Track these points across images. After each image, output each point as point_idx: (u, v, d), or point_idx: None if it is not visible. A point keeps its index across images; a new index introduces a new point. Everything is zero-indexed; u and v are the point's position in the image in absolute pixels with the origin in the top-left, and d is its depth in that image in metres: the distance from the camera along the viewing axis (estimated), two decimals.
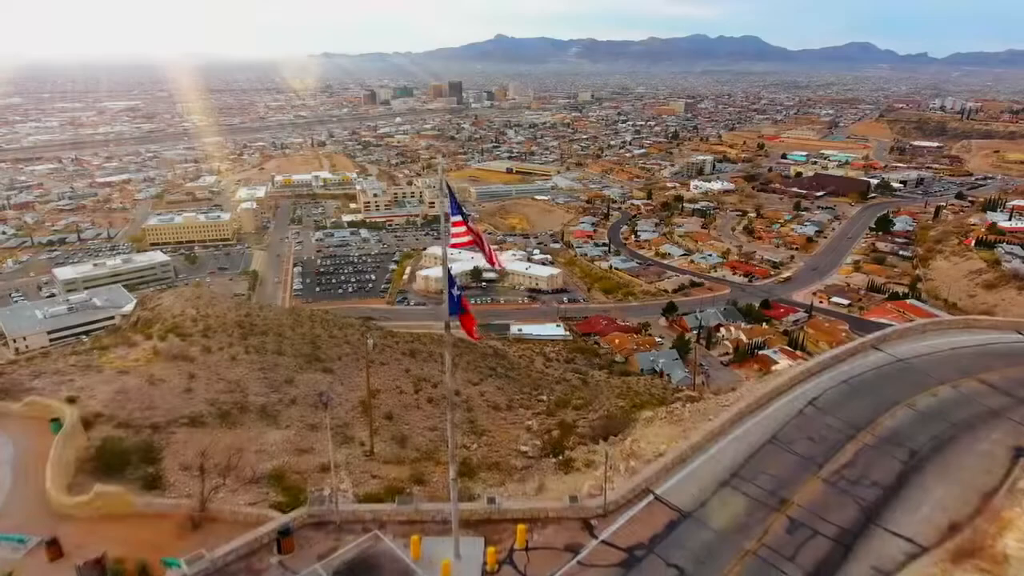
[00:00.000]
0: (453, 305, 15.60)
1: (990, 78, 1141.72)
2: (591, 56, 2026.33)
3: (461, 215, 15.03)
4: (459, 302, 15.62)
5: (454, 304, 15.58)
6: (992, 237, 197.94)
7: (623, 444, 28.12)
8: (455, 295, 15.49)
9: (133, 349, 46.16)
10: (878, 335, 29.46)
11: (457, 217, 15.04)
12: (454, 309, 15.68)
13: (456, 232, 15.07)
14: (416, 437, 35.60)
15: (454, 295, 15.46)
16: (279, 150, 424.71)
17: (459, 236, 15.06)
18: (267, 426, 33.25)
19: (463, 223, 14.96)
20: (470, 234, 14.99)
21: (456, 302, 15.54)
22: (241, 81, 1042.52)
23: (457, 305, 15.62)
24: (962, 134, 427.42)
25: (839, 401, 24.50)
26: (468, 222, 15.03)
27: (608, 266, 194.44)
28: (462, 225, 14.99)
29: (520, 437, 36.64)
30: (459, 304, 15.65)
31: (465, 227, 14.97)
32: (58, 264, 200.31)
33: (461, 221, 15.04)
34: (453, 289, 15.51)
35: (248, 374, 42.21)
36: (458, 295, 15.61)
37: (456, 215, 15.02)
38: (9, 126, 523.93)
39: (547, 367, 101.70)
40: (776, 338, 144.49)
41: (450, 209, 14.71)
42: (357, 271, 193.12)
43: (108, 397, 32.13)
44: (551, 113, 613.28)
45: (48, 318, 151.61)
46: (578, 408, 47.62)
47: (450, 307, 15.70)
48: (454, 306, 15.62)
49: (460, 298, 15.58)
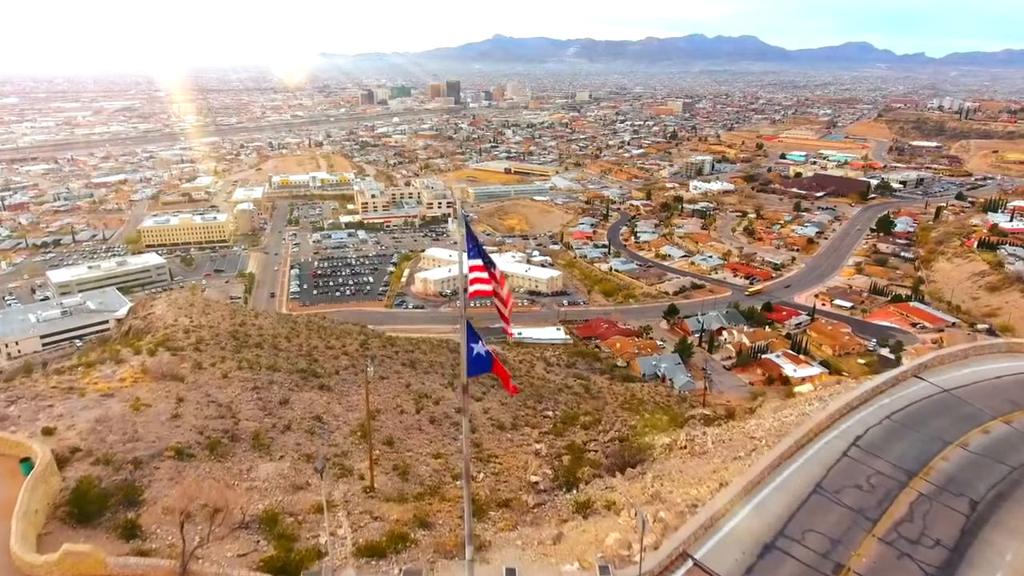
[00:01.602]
0: (479, 364, 13.12)
1: (987, 78, 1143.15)
2: (589, 56, 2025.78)
3: (482, 258, 12.64)
4: (489, 360, 13.07)
5: (482, 362, 13.08)
6: (994, 238, 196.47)
7: (644, 481, 26.02)
8: (481, 353, 12.96)
9: (120, 367, 43.95)
10: (918, 363, 27.41)
11: (477, 261, 12.63)
12: (479, 368, 13.24)
13: (476, 278, 12.61)
14: (419, 467, 33.44)
15: (479, 352, 12.95)
16: (276, 150, 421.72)
17: (479, 283, 12.57)
18: (259, 456, 31.05)
19: (484, 268, 12.52)
20: (491, 283, 12.57)
21: (486, 361, 12.98)
22: (238, 81, 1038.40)
23: (487, 364, 13.13)
24: (961, 134, 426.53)
25: (885, 441, 22.32)
26: (490, 267, 12.52)
27: (608, 268, 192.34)
28: (483, 271, 12.55)
29: (529, 465, 34.55)
30: (489, 362, 13.14)
31: (487, 273, 12.53)
32: (52, 266, 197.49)
33: (482, 266, 12.59)
34: (478, 345, 13.00)
35: (240, 395, 40.00)
36: (486, 352, 13.05)
37: (475, 258, 12.63)
38: (5, 126, 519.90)
39: (548, 372, 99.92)
40: (779, 341, 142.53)
41: (468, 251, 12.33)
42: (355, 273, 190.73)
43: (88, 427, 29.86)
44: (549, 113, 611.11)
45: (41, 322, 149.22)
46: (586, 427, 45.54)
47: (471, 367, 13.24)
48: (481, 365, 13.14)
49: (490, 355, 12.98)
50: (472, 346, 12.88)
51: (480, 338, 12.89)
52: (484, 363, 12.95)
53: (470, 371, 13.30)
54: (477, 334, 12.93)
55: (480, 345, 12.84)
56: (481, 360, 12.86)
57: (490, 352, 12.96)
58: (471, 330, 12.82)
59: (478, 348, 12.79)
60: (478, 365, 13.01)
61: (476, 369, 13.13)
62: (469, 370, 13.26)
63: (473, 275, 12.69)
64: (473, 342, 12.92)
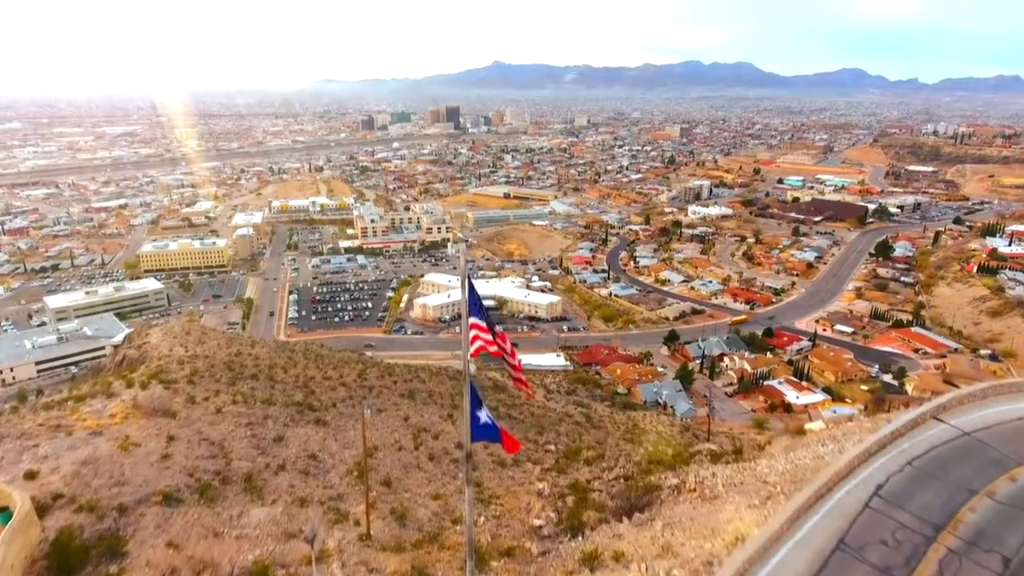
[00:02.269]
0: (483, 431, 12.12)
1: (980, 103, 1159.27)
2: (587, 82, 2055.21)
3: (483, 318, 11.64)
4: (495, 429, 12.09)
5: (486, 431, 12.09)
6: (993, 263, 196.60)
7: (653, 529, 24.83)
8: (484, 420, 11.95)
9: (111, 401, 42.77)
10: (936, 404, 26.46)
11: (478, 319, 11.72)
12: (483, 436, 12.24)
13: (478, 336, 11.67)
14: (417, 509, 32.16)
15: (481, 419, 11.92)
16: (277, 175, 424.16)
17: (480, 340, 11.63)
18: (251, 501, 29.81)
19: (487, 328, 11.54)
20: (495, 344, 11.58)
21: (492, 430, 12.00)
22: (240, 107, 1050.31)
23: (493, 433, 12.15)
24: (956, 159, 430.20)
25: (908, 490, 21.23)
26: (493, 328, 11.52)
27: (608, 293, 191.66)
28: (486, 332, 11.60)
29: (532, 506, 33.33)
30: (495, 432, 12.16)
31: (489, 333, 11.57)
32: (50, 291, 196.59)
33: (484, 326, 11.66)
34: (480, 412, 11.98)
35: (234, 431, 38.81)
36: (491, 420, 12.09)
37: (477, 317, 11.70)
38: (7, 151, 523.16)
39: (548, 400, 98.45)
40: (781, 368, 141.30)
41: (470, 309, 11.39)
42: (353, 299, 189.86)
43: (73, 470, 28.65)
44: (548, 138, 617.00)
45: (36, 348, 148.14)
46: (590, 463, 44.25)
47: (474, 433, 12.22)
48: (484, 433, 12.14)
49: (494, 425, 11.91)
50: (476, 414, 11.86)
51: (484, 404, 11.89)
52: (489, 431, 11.93)
53: (474, 437, 12.27)
54: (480, 399, 11.94)
55: (484, 413, 11.81)
56: (486, 428, 11.85)
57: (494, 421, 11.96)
58: (474, 395, 11.84)
59: (483, 417, 11.78)
60: (482, 432, 12.03)
61: (479, 436, 12.13)
62: (473, 436, 12.20)
63: (474, 332, 11.77)
64: (476, 409, 11.89)
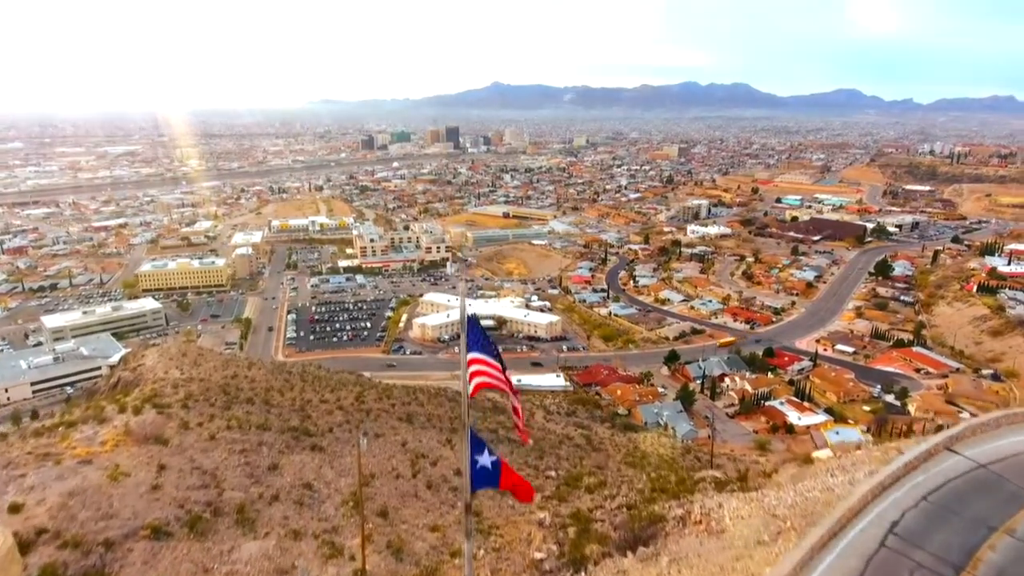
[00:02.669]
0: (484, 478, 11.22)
1: (975, 123, 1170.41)
2: (585, 102, 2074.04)
3: (483, 351, 10.89)
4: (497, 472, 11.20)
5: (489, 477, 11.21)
6: (993, 282, 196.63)
7: (659, 565, 23.99)
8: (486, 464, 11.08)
9: (103, 427, 41.97)
10: (949, 435, 25.72)
11: (477, 354, 10.99)
12: (484, 483, 11.33)
13: (477, 371, 10.99)
14: (415, 542, 31.26)
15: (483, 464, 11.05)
16: (277, 194, 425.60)
17: (480, 375, 10.99)
18: (242, 534, 28.94)
19: (486, 361, 10.86)
20: (494, 377, 10.90)
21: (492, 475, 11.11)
22: (241, 127, 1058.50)
23: (494, 479, 11.27)
24: (953, 178, 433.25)
25: (924, 526, 20.39)
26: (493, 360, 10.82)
27: (608, 312, 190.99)
28: (484, 364, 10.78)
29: (533, 538, 32.44)
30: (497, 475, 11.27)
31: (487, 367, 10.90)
32: (47, 311, 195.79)
33: (482, 359, 10.89)
34: (481, 456, 11.12)
35: (227, 459, 37.98)
36: (493, 462, 11.18)
37: (475, 351, 10.95)
38: (9, 170, 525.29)
39: (548, 421, 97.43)
40: (782, 388, 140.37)
41: (470, 344, 10.70)
42: (352, 318, 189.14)
43: (59, 502, 27.81)
44: (547, 158, 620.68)
45: (32, 368, 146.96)
46: (591, 490, 43.25)
47: (475, 481, 11.31)
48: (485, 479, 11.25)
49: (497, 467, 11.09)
50: (476, 458, 11.11)
51: (485, 446, 11.16)
52: (490, 477, 11.20)
53: (475, 485, 11.45)
54: (482, 441, 11.21)
55: (485, 456, 11.04)
56: (486, 474, 11.12)
57: (499, 462, 11.22)
58: (475, 439, 11.13)
59: (482, 460, 11.04)
60: (483, 479, 11.27)
61: (481, 483, 11.37)
62: (473, 484, 11.41)
63: (473, 368, 11.10)
64: (477, 453, 11.12)
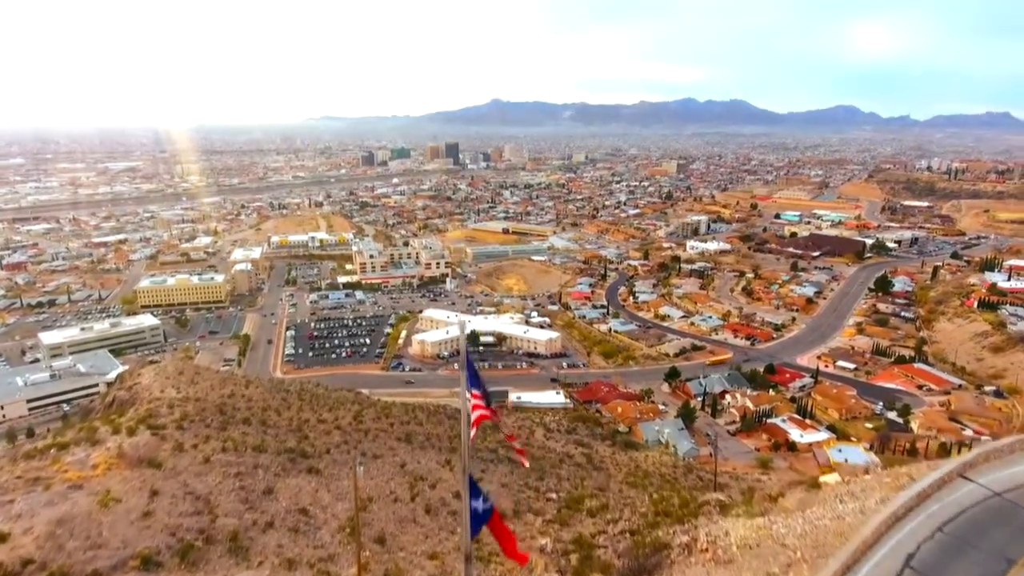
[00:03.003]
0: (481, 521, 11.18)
1: (971, 139, 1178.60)
2: (584, 119, 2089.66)
3: (480, 390, 11.13)
4: (486, 518, 11.17)
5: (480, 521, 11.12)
6: (993, 298, 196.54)
7: None
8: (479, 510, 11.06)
9: (96, 449, 41.59)
10: (963, 462, 25.29)
11: (477, 391, 11.07)
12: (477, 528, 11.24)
13: (477, 405, 11.08)
14: (413, 571, 30.78)
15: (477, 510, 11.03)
16: (277, 210, 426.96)
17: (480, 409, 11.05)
18: (236, 563, 28.49)
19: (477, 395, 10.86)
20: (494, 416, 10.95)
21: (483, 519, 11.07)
22: (242, 143, 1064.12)
23: (484, 521, 11.22)
24: (951, 194, 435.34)
25: (941, 560, 19.86)
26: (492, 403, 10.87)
27: (607, 329, 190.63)
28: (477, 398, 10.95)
29: (535, 565, 32.01)
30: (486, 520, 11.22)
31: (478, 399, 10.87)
32: (45, 327, 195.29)
33: (480, 395, 11.04)
34: (477, 502, 11.16)
35: (221, 483, 37.53)
36: (486, 509, 11.20)
37: (475, 388, 11.15)
38: (9, 186, 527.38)
39: (548, 439, 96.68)
40: (783, 405, 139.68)
41: (468, 381, 10.79)
42: (351, 335, 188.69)
43: (47, 530, 27.30)
44: (546, 174, 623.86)
45: (28, 386, 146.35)
46: (593, 514, 42.81)
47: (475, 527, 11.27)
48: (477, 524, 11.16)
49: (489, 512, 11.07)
50: (473, 505, 11.03)
51: (482, 493, 11.09)
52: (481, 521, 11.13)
53: (474, 532, 11.36)
54: (479, 489, 11.13)
55: (480, 501, 10.99)
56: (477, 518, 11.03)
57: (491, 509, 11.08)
58: (474, 485, 11.04)
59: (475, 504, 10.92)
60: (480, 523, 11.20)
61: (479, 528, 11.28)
62: (473, 531, 11.32)
63: (474, 401, 11.12)
64: (475, 498, 11.09)
